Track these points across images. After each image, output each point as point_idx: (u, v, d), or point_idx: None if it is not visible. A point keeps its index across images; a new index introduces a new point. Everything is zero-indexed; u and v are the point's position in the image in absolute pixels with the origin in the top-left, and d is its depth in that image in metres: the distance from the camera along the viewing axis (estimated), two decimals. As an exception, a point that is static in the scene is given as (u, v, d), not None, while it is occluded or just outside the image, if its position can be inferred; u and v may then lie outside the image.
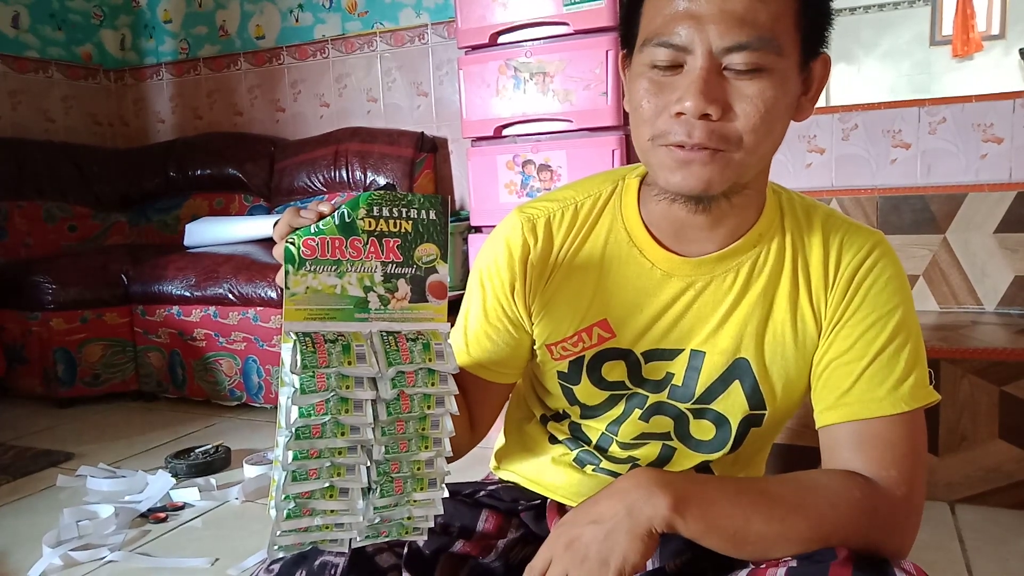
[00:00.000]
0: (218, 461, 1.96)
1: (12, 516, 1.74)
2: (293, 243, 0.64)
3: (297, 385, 0.61)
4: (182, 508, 1.74)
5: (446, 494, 0.69)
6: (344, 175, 2.88)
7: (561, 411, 0.87)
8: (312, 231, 0.64)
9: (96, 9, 3.56)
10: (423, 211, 0.67)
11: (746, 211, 0.76)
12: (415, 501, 0.67)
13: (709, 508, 0.64)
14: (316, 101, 3.20)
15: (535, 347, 0.84)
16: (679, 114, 0.65)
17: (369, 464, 0.65)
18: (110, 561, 1.49)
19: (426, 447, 0.67)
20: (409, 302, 0.67)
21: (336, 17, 3.10)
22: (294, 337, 0.62)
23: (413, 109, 3.01)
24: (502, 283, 0.81)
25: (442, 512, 0.69)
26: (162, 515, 1.69)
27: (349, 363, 0.62)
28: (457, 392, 0.67)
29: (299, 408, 0.61)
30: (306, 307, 0.64)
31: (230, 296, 2.43)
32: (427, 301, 0.68)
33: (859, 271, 0.75)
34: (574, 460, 0.86)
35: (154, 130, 3.60)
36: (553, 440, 0.89)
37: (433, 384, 0.66)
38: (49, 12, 3.38)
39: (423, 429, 0.66)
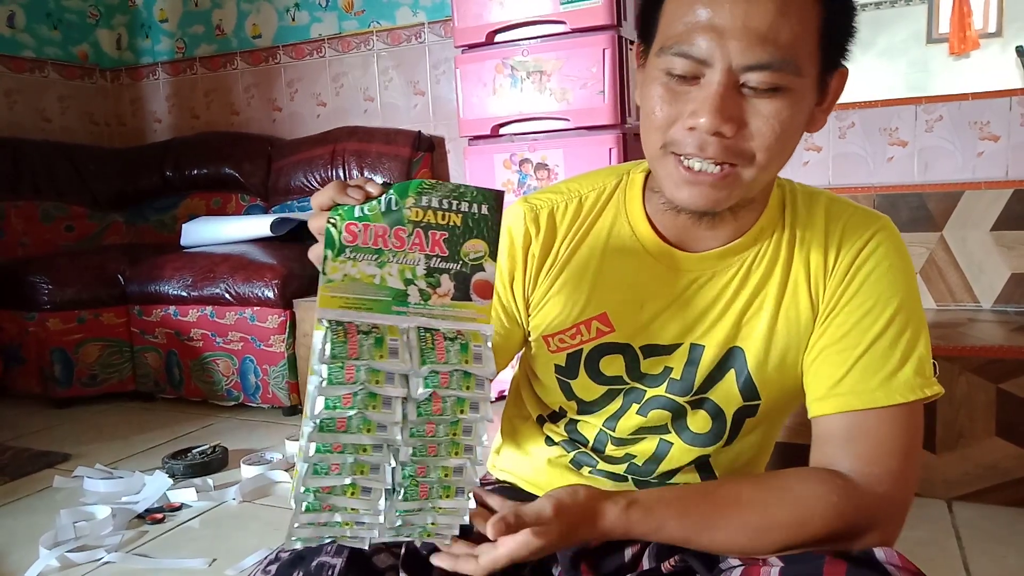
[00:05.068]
0: (215, 461, 1.96)
1: (9, 517, 1.73)
2: (335, 225, 0.60)
3: (325, 375, 0.58)
4: (179, 509, 1.73)
5: (473, 504, 0.66)
6: (341, 174, 2.88)
7: (558, 408, 0.87)
8: (356, 215, 0.61)
9: (92, 8, 3.55)
10: (475, 205, 0.63)
11: (751, 212, 0.75)
12: (440, 508, 0.64)
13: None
14: (313, 100, 3.20)
15: (530, 339, 0.83)
16: (693, 128, 0.64)
17: (394, 465, 0.62)
18: (107, 562, 1.49)
19: (456, 453, 0.63)
20: (451, 299, 0.63)
21: (333, 16, 3.10)
22: (326, 324, 0.59)
23: (410, 108, 3.01)
24: (500, 272, 0.80)
25: (467, 522, 0.66)
26: (159, 516, 1.68)
27: (381, 357, 0.59)
28: (494, 399, 0.66)
29: (325, 399, 0.58)
30: (342, 295, 0.61)
31: (227, 296, 2.42)
32: (471, 300, 0.64)
33: (858, 257, 0.73)
34: (571, 462, 0.86)
35: (151, 129, 3.60)
36: (549, 442, 0.88)
37: (468, 388, 0.62)
38: (45, 11, 3.37)
39: (454, 434, 0.63)
